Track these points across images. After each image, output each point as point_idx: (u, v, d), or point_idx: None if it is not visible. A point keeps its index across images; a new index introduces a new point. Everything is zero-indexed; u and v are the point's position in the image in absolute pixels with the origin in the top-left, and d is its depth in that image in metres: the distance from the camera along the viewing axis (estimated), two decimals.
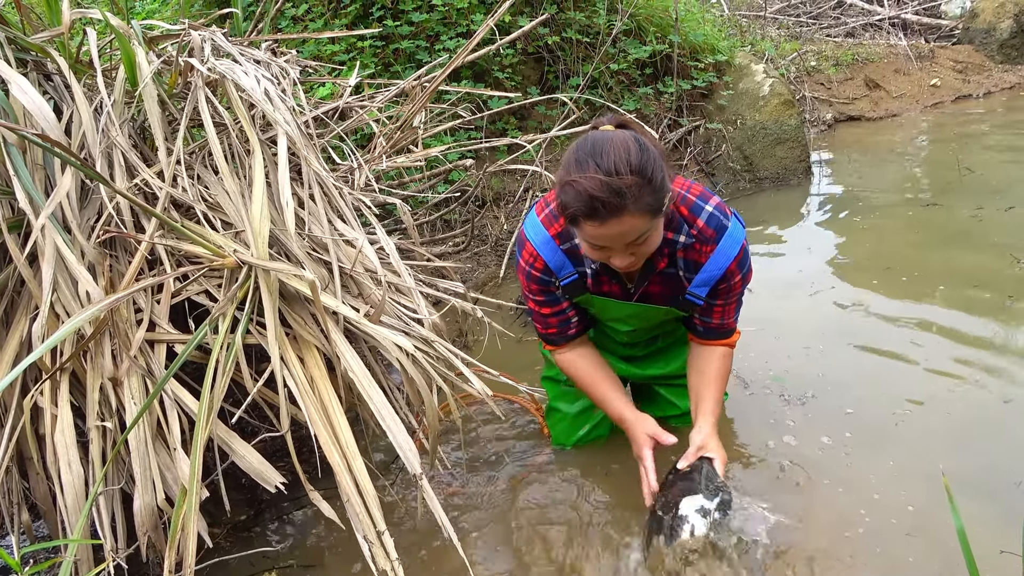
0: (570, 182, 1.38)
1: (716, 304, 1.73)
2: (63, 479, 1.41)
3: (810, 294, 2.99)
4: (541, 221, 1.69)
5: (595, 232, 1.42)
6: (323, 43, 3.86)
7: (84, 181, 1.84)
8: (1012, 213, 3.60)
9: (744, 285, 1.72)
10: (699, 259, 1.64)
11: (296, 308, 1.67)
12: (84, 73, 2.04)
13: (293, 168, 1.97)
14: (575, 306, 1.80)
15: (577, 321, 1.82)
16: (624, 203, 1.36)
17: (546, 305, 1.78)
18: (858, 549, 1.69)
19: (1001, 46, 7.35)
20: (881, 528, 1.74)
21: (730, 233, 1.62)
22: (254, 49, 2.32)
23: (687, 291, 1.69)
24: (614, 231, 1.41)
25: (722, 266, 1.63)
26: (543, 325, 1.83)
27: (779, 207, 4.16)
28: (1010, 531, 1.63)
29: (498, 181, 3.81)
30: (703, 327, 1.80)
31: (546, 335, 1.85)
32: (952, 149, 4.86)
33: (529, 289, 1.76)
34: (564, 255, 1.67)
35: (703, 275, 1.65)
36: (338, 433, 1.51)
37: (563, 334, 1.83)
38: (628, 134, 1.42)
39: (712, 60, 4.77)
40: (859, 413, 2.17)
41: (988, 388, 2.23)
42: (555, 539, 1.81)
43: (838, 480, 1.91)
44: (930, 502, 1.79)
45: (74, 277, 1.59)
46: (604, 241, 1.45)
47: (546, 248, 1.67)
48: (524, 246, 1.71)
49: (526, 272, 1.73)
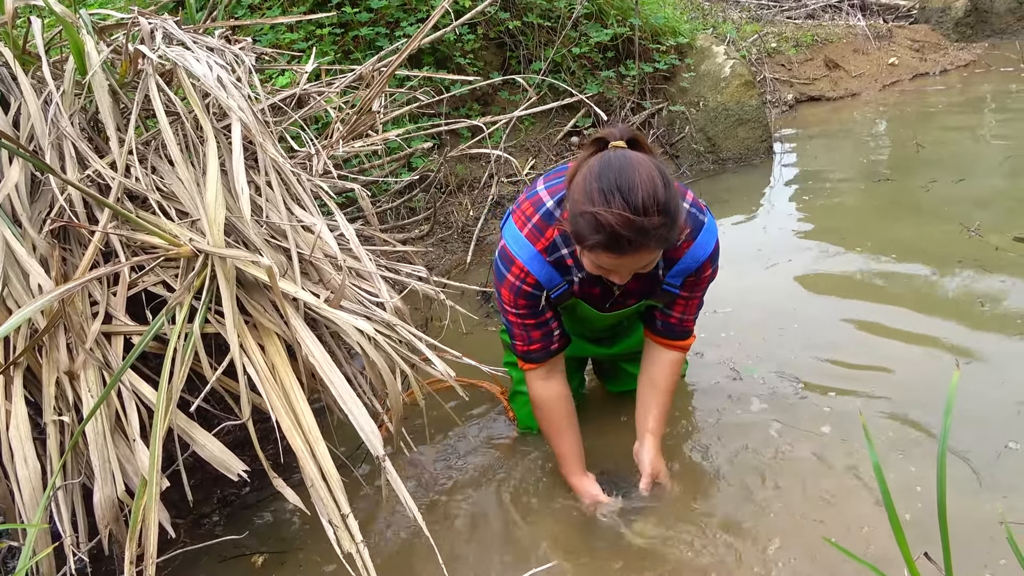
0: (594, 213, 1.34)
1: (681, 295, 1.74)
2: (19, 474, 1.39)
3: (767, 267, 3.07)
4: (526, 237, 1.65)
5: (610, 262, 1.42)
6: (281, 31, 3.81)
7: (34, 174, 1.80)
8: (962, 185, 3.71)
9: (710, 281, 1.75)
10: (676, 255, 1.66)
11: (255, 295, 1.66)
12: (32, 64, 2.00)
13: (249, 155, 1.95)
14: (556, 317, 1.77)
15: (559, 335, 1.78)
16: (648, 241, 1.36)
17: (531, 317, 1.72)
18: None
19: (956, 24, 7.48)
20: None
21: (707, 228, 1.66)
22: (208, 37, 2.28)
23: (664, 282, 1.71)
24: (630, 263, 1.42)
25: (698, 259, 1.66)
26: (526, 341, 1.76)
27: (742, 187, 4.21)
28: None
29: (463, 168, 3.80)
30: (662, 322, 1.80)
31: (527, 352, 1.78)
32: (909, 126, 4.95)
33: (515, 305, 1.70)
34: (552, 268, 1.65)
35: (679, 267, 1.67)
36: (300, 419, 1.51)
37: (546, 349, 1.77)
38: (652, 164, 1.38)
39: (674, 43, 4.79)
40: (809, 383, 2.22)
41: (940, 350, 2.30)
42: (522, 520, 1.83)
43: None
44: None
45: (25, 270, 1.56)
46: (616, 268, 1.45)
47: (535, 263, 1.64)
48: (512, 263, 1.66)
49: (515, 288, 1.67)
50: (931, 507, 0.90)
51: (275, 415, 1.49)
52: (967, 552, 1.54)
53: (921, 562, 0.97)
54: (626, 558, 1.68)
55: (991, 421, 1.98)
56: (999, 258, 2.84)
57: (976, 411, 2.00)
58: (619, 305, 1.79)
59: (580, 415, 1.87)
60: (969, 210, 3.34)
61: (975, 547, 1.58)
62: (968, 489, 1.77)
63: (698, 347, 2.44)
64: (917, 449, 1.91)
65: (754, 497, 1.82)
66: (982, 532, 1.60)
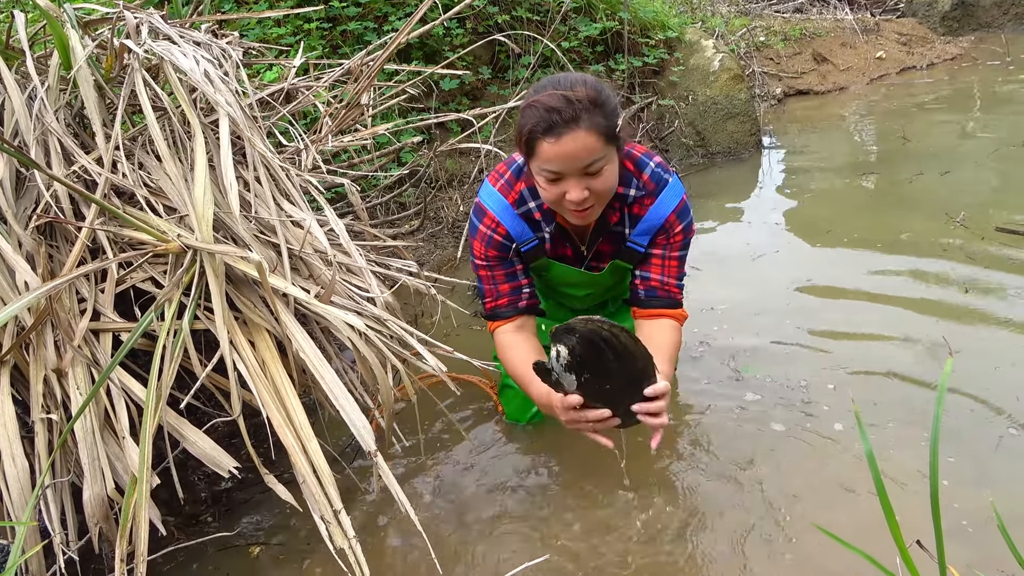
0: (530, 104, 1.48)
1: (654, 255, 1.75)
2: (7, 473, 1.38)
3: (754, 259, 3.10)
4: (498, 190, 1.74)
5: (551, 151, 1.47)
6: (269, 26, 3.78)
7: (20, 169, 1.79)
8: (947, 177, 3.75)
9: (684, 238, 1.75)
10: (641, 212, 1.70)
11: (245, 291, 1.65)
12: (16, 59, 1.97)
13: (238, 151, 1.94)
14: (527, 274, 1.82)
15: (528, 293, 1.83)
16: (578, 114, 1.44)
17: (500, 269, 1.79)
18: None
19: (943, 18, 7.53)
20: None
21: (671, 186, 1.70)
22: (194, 31, 2.27)
23: (629, 239, 1.73)
24: (568, 148, 1.46)
25: (661, 216, 1.69)
26: (494, 296, 1.83)
27: (731, 181, 4.22)
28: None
29: (453, 163, 3.79)
30: (645, 289, 1.77)
31: (495, 307, 1.84)
32: (896, 119, 4.98)
33: (486, 256, 1.77)
34: (523, 221, 1.73)
35: (643, 224, 1.71)
36: (292, 415, 1.50)
37: (513, 305, 1.82)
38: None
39: (663, 37, 4.80)
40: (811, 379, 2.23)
41: (931, 338, 2.31)
42: (512, 512, 1.83)
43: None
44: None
45: (11, 267, 1.55)
46: (560, 163, 1.48)
47: (506, 215, 1.73)
48: (485, 214, 1.75)
49: (486, 238, 1.74)
50: (928, 496, 0.90)
51: (266, 411, 1.48)
52: (961, 540, 1.56)
53: (914, 550, 0.97)
54: (621, 551, 1.69)
55: (987, 409, 1.99)
56: (984, 248, 2.87)
57: (972, 400, 2.02)
58: (594, 268, 1.81)
59: None
60: (955, 202, 3.37)
61: (970, 535, 1.59)
62: (965, 478, 1.77)
63: (692, 343, 2.45)
64: (916, 438, 1.91)
65: (748, 488, 1.82)
66: (977, 521, 1.61)
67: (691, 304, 2.65)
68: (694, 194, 3.98)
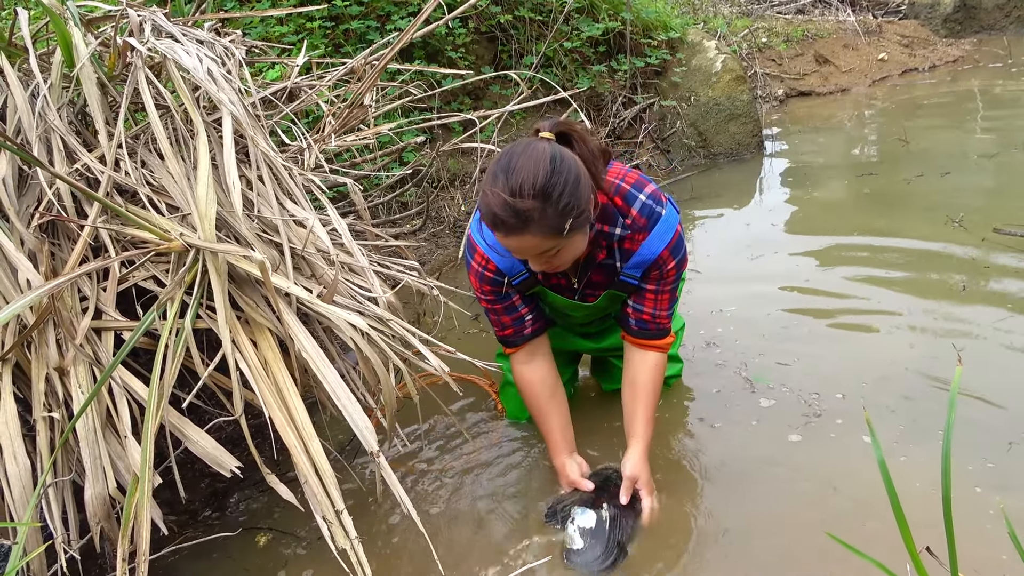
0: (484, 192, 1.41)
1: (648, 289, 1.72)
2: (8, 471, 1.37)
3: (753, 259, 3.11)
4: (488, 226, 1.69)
5: (503, 242, 1.45)
6: (271, 24, 3.78)
7: (22, 167, 1.78)
8: (947, 179, 3.76)
9: (678, 273, 1.71)
10: (632, 248, 1.65)
11: (247, 291, 1.65)
12: (19, 57, 1.97)
13: (240, 149, 1.93)
14: (527, 302, 1.79)
15: (532, 320, 1.80)
16: (523, 225, 1.37)
17: (498, 303, 1.77)
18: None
19: (945, 20, 7.53)
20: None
21: (664, 219, 1.62)
22: (197, 30, 2.26)
23: (621, 272, 1.70)
24: (515, 245, 1.44)
25: (654, 251, 1.63)
26: (500, 327, 1.81)
27: (733, 182, 4.22)
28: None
29: (455, 163, 3.79)
30: (636, 320, 1.76)
31: (503, 337, 1.83)
32: (897, 121, 4.98)
33: (482, 291, 1.76)
34: (511, 257, 1.68)
35: (636, 259, 1.66)
36: (294, 415, 1.50)
37: (519, 334, 1.80)
38: (548, 149, 1.38)
39: (665, 37, 4.80)
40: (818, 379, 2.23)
41: (939, 341, 2.31)
42: (512, 510, 1.83)
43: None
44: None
45: (13, 265, 1.55)
46: (513, 251, 1.49)
47: (494, 252, 1.69)
48: (475, 251, 1.72)
49: (479, 275, 1.73)
50: (940, 502, 0.89)
51: (268, 411, 1.48)
52: (973, 547, 1.55)
53: (924, 557, 0.97)
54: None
55: (999, 415, 1.98)
56: (983, 248, 2.87)
57: (984, 405, 2.01)
58: (588, 297, 1.79)
59: (573, 414, 1.87)
60: (954, 203, 3.38)
61: (981, 542, 1.58)
62: (976, 483, 1.76)
63: (698, 346, 2.44)
64: (927, 443, 1.90)
65: (757, 494, 1.81)
66: (987, 526, 1.60)
67: (696, 306, 2.68)
68: (696, 195, 3.99)
